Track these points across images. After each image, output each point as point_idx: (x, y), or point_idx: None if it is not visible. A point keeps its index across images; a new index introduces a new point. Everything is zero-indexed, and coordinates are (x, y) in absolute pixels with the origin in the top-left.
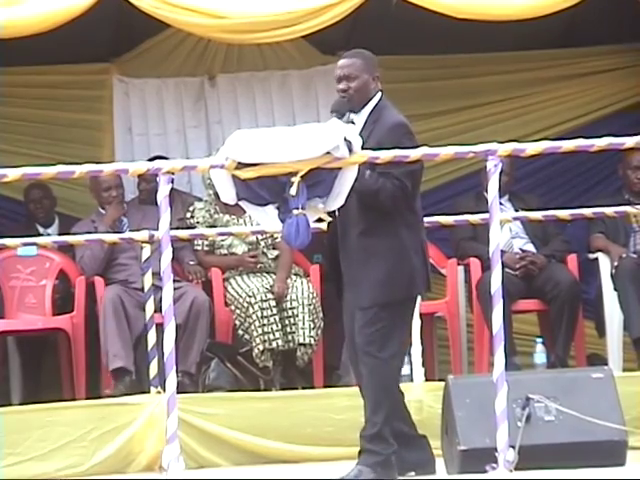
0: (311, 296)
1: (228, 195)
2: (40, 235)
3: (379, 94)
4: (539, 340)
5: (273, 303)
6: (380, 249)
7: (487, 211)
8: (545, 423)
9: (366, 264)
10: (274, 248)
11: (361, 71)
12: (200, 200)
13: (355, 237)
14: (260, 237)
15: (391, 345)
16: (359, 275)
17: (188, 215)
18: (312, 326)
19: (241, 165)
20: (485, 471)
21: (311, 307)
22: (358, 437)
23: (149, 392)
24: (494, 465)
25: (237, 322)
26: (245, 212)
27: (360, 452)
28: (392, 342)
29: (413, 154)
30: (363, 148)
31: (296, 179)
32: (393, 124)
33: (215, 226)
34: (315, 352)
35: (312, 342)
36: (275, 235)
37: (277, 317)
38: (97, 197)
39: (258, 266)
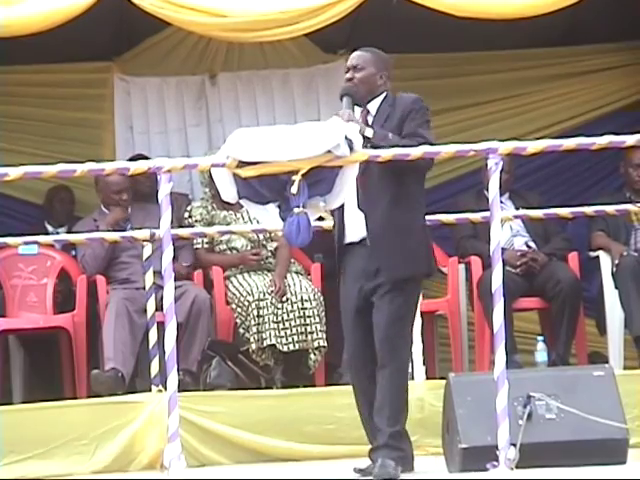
0: (318, 297)
1: (229, 194)
2: (48, 234)
3: (385, 93)
4: (540, 338)
5: (270, 301)
6: (407, 222)
7: (488, 209)
8: (546, 421)
9: (396, 236)
10: (272, 240)
11: (368, 64)
12: (186, 196)
13: (382, 211)
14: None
15: (409, 338)
16: (389, 247)
17: (186, 215)
18: (320, 328)
19: (242, 163)
20: (486, 469)
21: (320, 309)
22: (377, 435)
23: (150, 391)
24: (495, 463)
25: (238, 320)
26: (242, 207)
27: (377, 448)
28: (409, 336)
29: (413, 152)
30: (381, 127)
31: (297, 177)
32: (416, 98)
33: (213, 223)
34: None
35: (325, 344)
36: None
37: (272, 316)
38: (105, 197)
39: (260, 263)
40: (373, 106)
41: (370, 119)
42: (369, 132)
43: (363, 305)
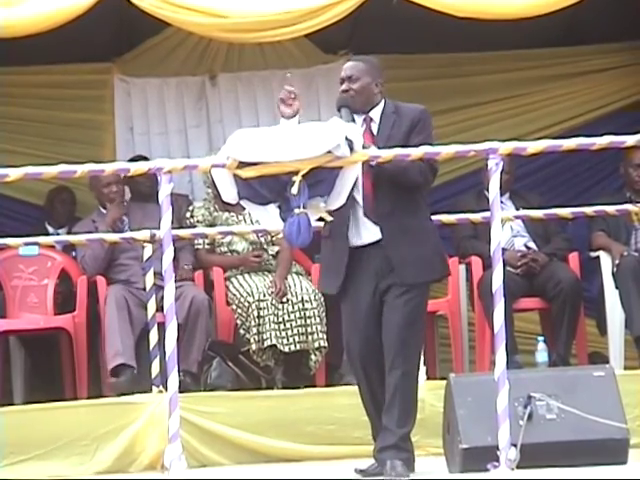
0: (319, 298)
1: (229, 194)
2: (48, 235)
3: (384, 100)
4: (540, 338)
5: (271, 302)
6: (421, 228)
7: (488, 210)
8: (547, 421)
9: (413, 242)
10: (274, 244)
11: (363, 74)
12: (186, 197)
13: (396, 217)
14: (260, 234)
15: (421, 340)
16: (406, 253)
17: (188, 215)
18: (321, 328)
19: (242, 164)
20: (487, 469)
21: (320, 309)
22: (385, 434)
23: (151, 391)
24: (496, 463)
25: (238, 321)
26: (244, 209)
27: (386, 448)
28: (421, 338)
29: (414, 153)
30: (388, 135)
31: (297, 178)
32: (424, 109)
33: (215, 224)
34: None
35: (325, 345)
36: (275, 232)
37: (273, 317)
38: (98, 195)
39: (261, 264)
40: (375, 114)
41: (374, 126)
42: (373, 150)
43: (378, 303)
